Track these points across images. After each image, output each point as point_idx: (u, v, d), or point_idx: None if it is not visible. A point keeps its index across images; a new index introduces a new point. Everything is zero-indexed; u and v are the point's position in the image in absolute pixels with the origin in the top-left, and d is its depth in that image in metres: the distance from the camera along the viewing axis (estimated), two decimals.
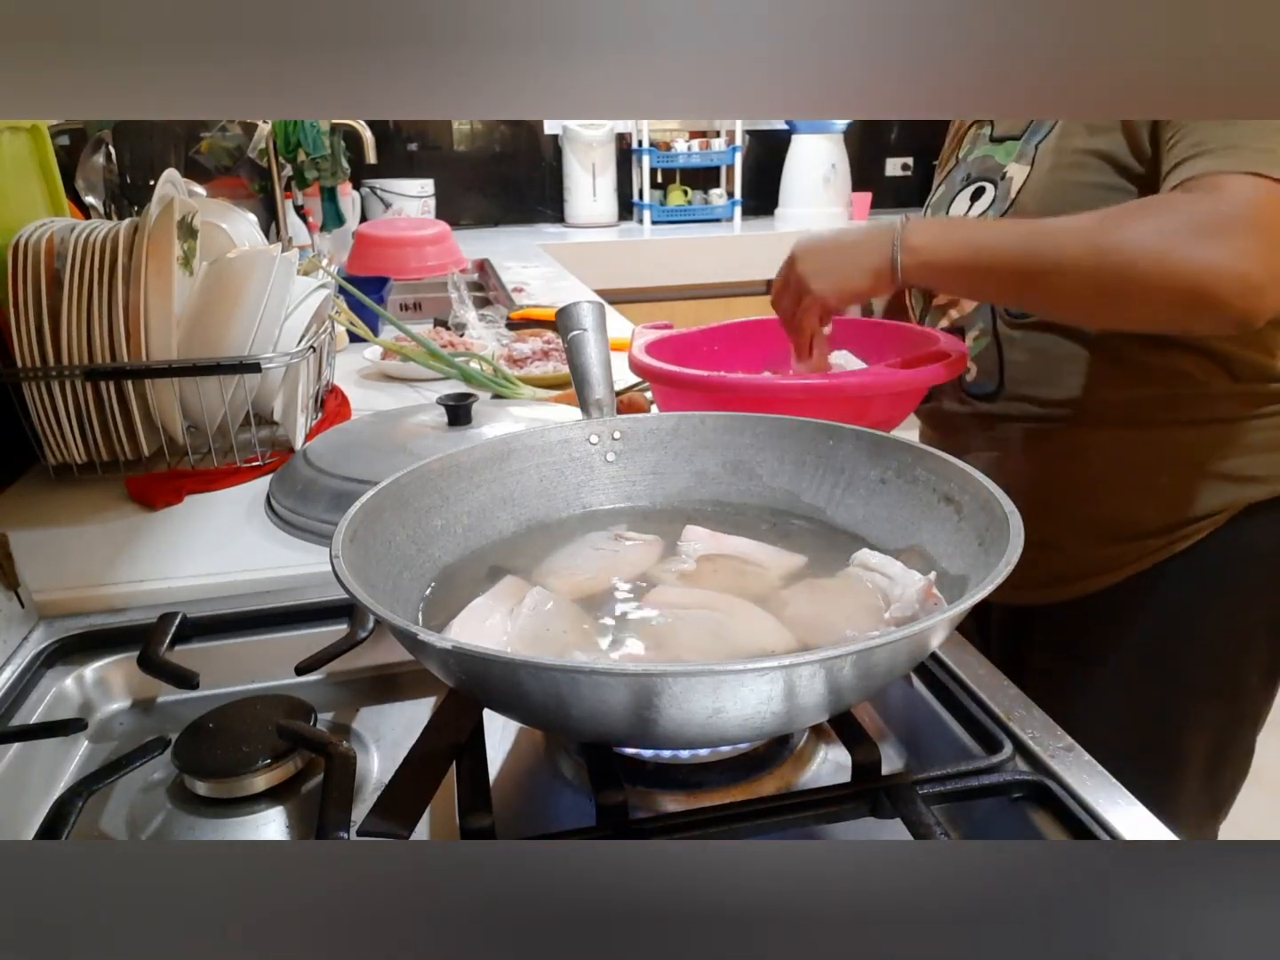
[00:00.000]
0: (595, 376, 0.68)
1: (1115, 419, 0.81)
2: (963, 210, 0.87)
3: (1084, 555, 0.84)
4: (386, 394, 1.28)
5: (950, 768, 0.50)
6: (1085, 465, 0.83)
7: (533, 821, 0.52)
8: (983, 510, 0.52)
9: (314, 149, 1.78)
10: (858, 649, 0.39)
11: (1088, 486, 0.83)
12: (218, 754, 0.54)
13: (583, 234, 3.07)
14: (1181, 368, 0.77)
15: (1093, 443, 0.82)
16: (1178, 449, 0.80)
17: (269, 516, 0.84)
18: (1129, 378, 0.79)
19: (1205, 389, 0.78)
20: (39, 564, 0.72)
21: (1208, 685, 0.85)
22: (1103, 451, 0.82)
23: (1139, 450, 0.81)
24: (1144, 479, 0.81)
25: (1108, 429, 0.81)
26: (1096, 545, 0.84)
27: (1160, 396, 0.79)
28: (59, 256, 0.87)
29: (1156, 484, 0.80)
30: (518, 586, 0.56)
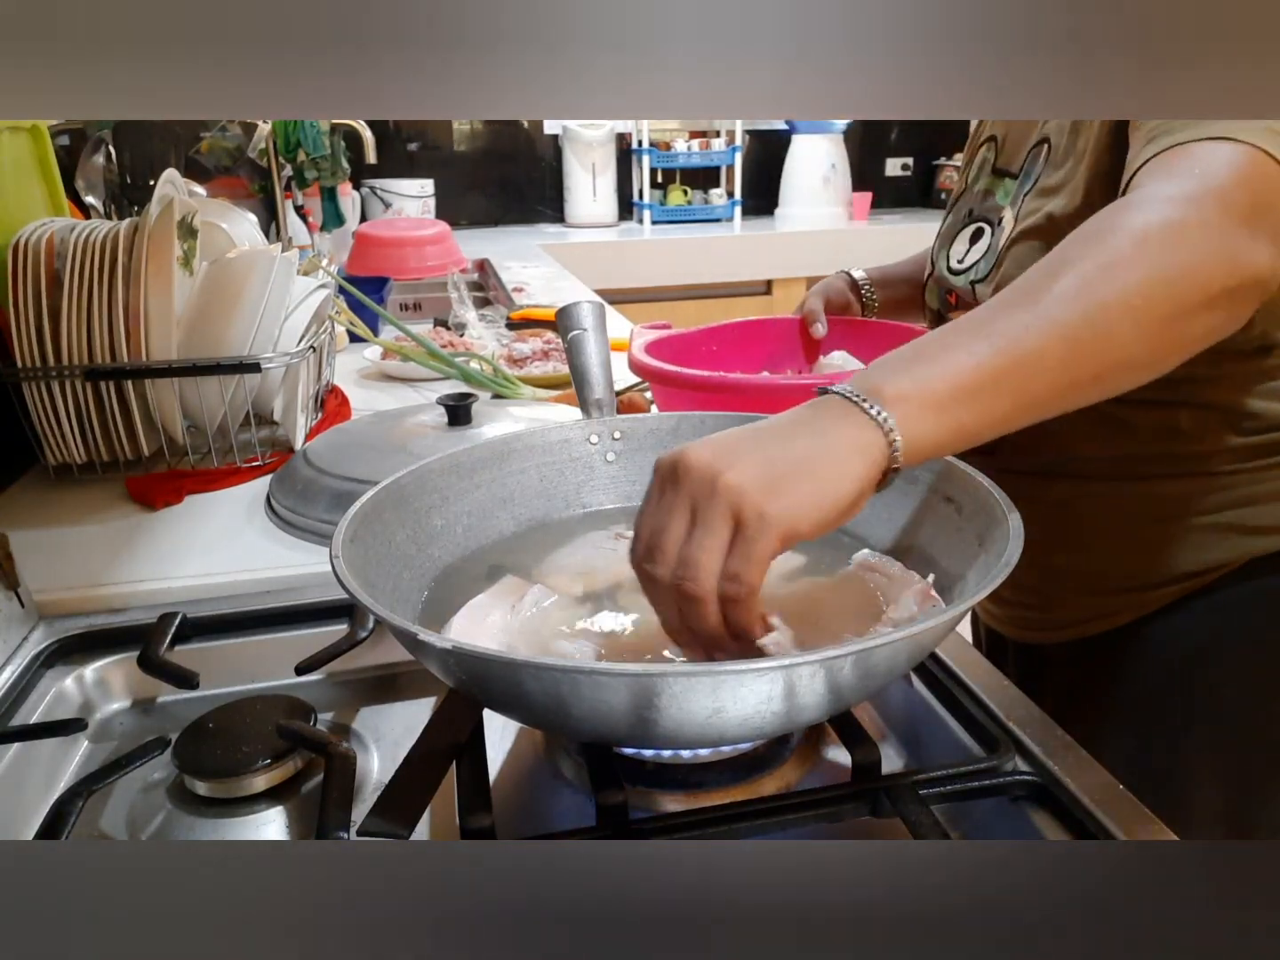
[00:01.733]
0: (595, 376, 0.68)
1: (1108, 473, 0.76)
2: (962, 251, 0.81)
3: (1081, 605, 0.80)
4: (386, 394, 1.28)
5: (950, 768, 0.50)
6: (1078, 518, 0.78)
7: (533, 821, 0.52)
8: (983, 510, 0.52)
9: (314, 149, 1.78)
10: (858, 649, 0.39)
11: (1079, 538, 0.79)
12: (218, 754, 0.54)
13: (583, 234, 3.07)
14: (1174, 424, 0.72)
15: (1083, 495, 0.77)
16: (1175, 501, 0.74)
17: (269, 516, 0.84)
18: (1118, 434, 0.74)
19: (1201, 444, 0.72)
20: (39, 564, 0.72)
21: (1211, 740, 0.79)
22: (1094, 505, 0.77)
23: (1132, 503, 0.76)
24: (1138, 531, 0.76)
25: (1102, 482, 0.76)
26: (1092, 596, 0.80)
27: (1154, 453, 0.74)
28: (59, 256, 0.87)
29: (1153, 536, 0.75)
30: (517, 585, 0.56)
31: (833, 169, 3.07)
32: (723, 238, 2.98)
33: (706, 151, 3.19)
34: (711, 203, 3.23)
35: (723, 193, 3.24)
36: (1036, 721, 0.54)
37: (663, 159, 3.16)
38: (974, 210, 0.83)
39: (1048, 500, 0.78)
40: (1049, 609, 0.81)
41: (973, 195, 0.84)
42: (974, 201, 0.83)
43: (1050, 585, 0.80)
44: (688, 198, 3.24)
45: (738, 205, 3.16)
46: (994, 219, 0.79)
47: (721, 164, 3.21)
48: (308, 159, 1.79)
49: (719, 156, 3.18)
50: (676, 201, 3.22)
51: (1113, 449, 0.74)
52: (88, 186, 1.48)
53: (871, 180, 3.38)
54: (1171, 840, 0.46)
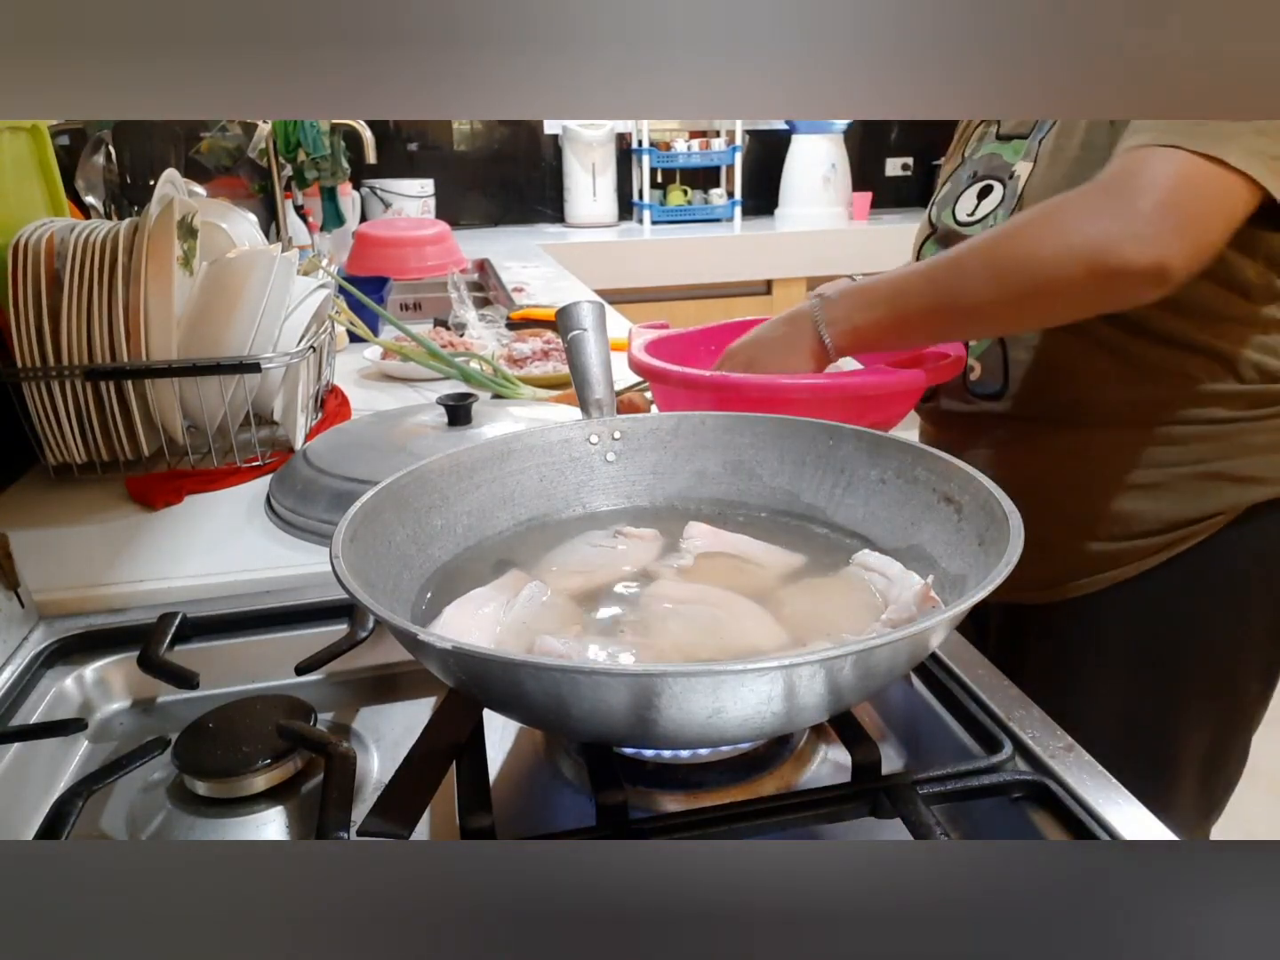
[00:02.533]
0: (595, 376, 0.68)
1: (1118, 419, 0.80)
2: (969, 208, 0.86)
3: (1081, 554, 0.84)
4: (386, 394, 1.28)
5: (950, 768, 0.50)
6: (1086, 464, 0.83)
7: (533, 821, 0.52)
8: (983, 510, 0.52)
9: (314, 149, 1.78)
10: (858, 649, 0.39)
11: (1086, 486, 0.83)
12: (218, 754, 0.54)
13: (583, 234, 3.07)
14: (1186, 368, 0.77)
15: (1094, 442, 0.82)
16: (1179, 449, 0.79)
17: (269, 516, 0.84)
18: (1132, 375, 0.79)
19: (1209, 389, 0.77)
20: (39, 564, 0.72)
21: (1205, 687, 0.84)
22: (1104, 451, 0.82)
23: (1140, 450, 0.80)
24: (1144, 478, 0.81)
25: (1110, 429, 0.81)
26: (1094, 544, 0.83)
27: (1163, 397, 0.79)
28: (59, 256, 0.87)
29: (1157, 484, 0.80)
30: (518, 579, 0.56)
31: (833, 169, 3.07)
32: (723, 238, 2.98)
33: (706, 151, 3.19)
34: (711, 203, 3.23)
35: (723, 193, 3.24)
36: (1036, 721, 0.54)
37: (663, 159, 3.16)
38: (978, 172, 0.88)
39: (1055, 448, 0.84)
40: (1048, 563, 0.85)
41: (974, 162, 0.89)
42: (977, 166, 0.88)
43: (1054, 535, 0.84)
44: (688, 198, 3.24)
45: (738, 205, 3.16)
46: (1004, 175, 0.84)
47: (721, 164, 3.21)
48: (308, 159, 1.79)
49: (719, 156, 3.18)
50: (676, 201, 3.22)
51: (1123, 393, 0.80)
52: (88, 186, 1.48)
53: (871, 180, 3.39)
54: (1171, 840, 0.46)
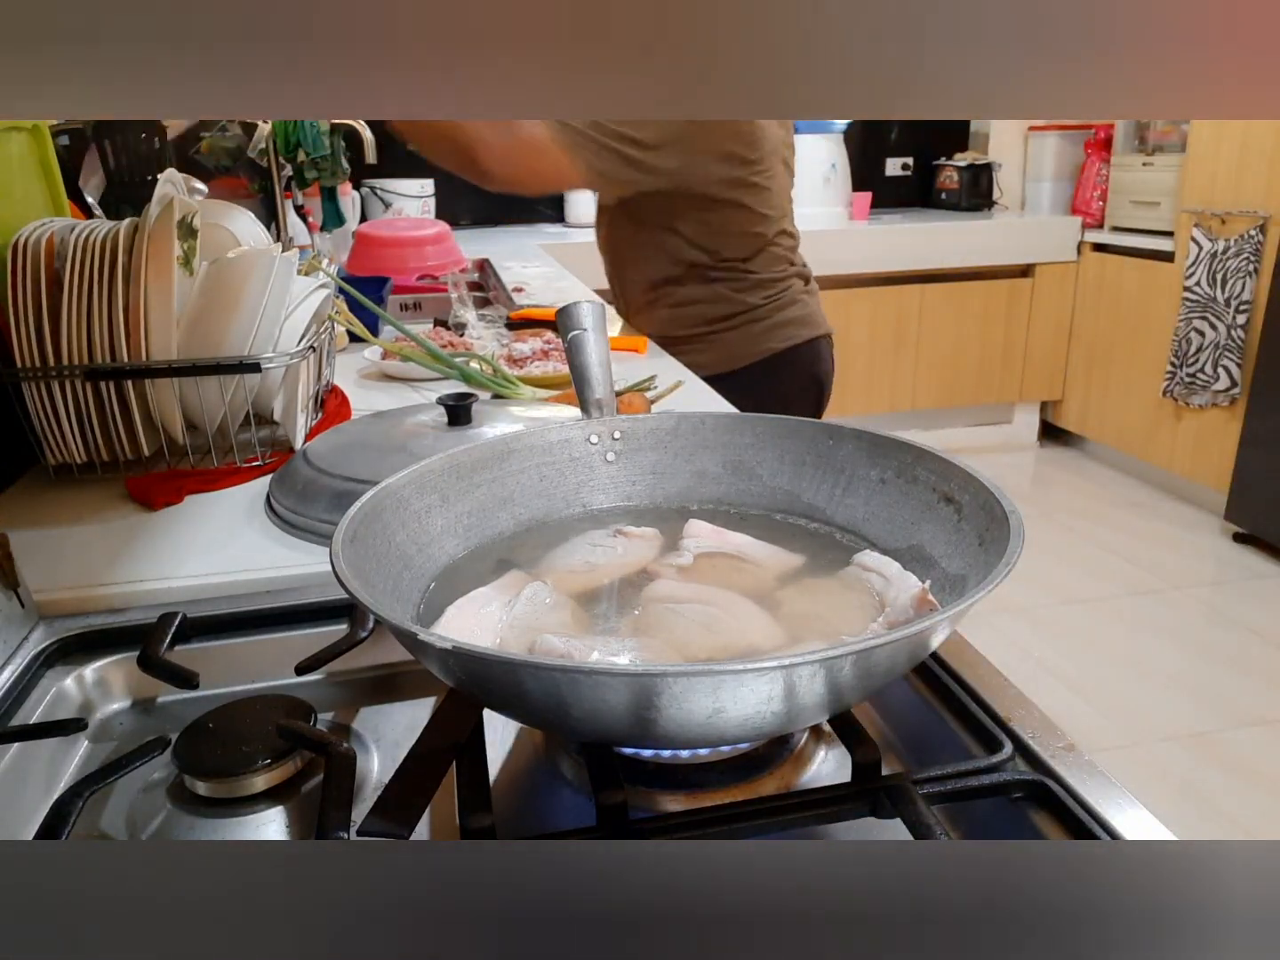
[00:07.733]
0: (595, 376, 0.68)
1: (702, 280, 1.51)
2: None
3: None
4: (386, 394, 1.28)
5: (950, 768, 0.50)
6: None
7: (533, 821, 0.52)
8: (983, 510, 0.52)
9: (314, 149, 1.78)
10: (858, 649, 0.39)
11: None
12: (218, 754, 0.54)
13: (583, 234, 3.07)
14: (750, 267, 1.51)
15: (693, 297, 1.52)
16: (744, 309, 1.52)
17: (269, 516, 0.84)
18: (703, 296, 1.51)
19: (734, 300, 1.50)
20: (39, 564, 0.72)
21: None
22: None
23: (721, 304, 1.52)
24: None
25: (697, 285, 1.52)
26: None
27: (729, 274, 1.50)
28: (59, 256, 0.87)
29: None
30: (519, 580, 0.56)
31: (833, 169, 3.07)
32: None
33: None
34: None
35: None
36: (1036, 721, 0.54)
37: None
38: None
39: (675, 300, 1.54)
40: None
41: None
42: None
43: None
44: None
45: None
46: None
47: None
48: (308, 159, 1.79)
49: None
50: None
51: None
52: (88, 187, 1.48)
53: (872, 180, 3.39)
54: (1171, 840, 0.46)
